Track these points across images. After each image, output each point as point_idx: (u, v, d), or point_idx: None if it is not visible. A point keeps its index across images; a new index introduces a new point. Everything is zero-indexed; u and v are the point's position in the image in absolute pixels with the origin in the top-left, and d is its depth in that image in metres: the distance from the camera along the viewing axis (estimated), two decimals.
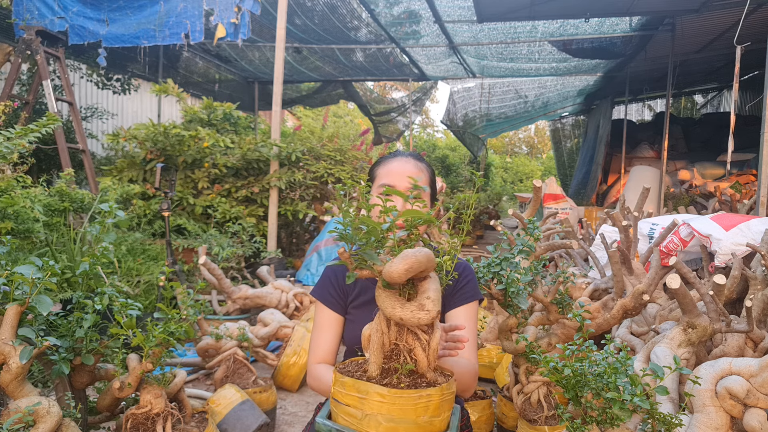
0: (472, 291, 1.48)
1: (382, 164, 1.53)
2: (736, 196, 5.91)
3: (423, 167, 1.51)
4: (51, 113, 3.23)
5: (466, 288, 1.48)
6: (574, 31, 7.52)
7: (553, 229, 3.83)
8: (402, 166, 1.48)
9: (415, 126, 17.68)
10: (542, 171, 23.88)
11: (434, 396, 1.02)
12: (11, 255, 2.26)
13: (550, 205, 8.08)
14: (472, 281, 1.50)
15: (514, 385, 2.31)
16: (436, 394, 1.02)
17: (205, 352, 2.85)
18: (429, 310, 0.98)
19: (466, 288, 1.48)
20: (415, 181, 1.18)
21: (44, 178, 4.35)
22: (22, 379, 1.53)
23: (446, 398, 1.05)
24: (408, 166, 1.48)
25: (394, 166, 1.49)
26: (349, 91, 11.01)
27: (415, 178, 1.40)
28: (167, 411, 1.82)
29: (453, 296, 1.47)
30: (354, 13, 7.43)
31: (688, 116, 13.78)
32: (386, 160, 1.53)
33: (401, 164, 1.49)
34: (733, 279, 2.62)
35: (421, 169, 1.50)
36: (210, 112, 6.40)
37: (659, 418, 1.39)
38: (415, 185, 1.13)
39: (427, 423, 1.02)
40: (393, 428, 1.01)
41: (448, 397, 1.05)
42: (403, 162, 1.49)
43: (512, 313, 2.13)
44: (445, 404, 1.05)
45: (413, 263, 0.93)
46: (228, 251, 4.54)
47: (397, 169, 1.47)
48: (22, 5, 5.63)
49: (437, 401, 1.03)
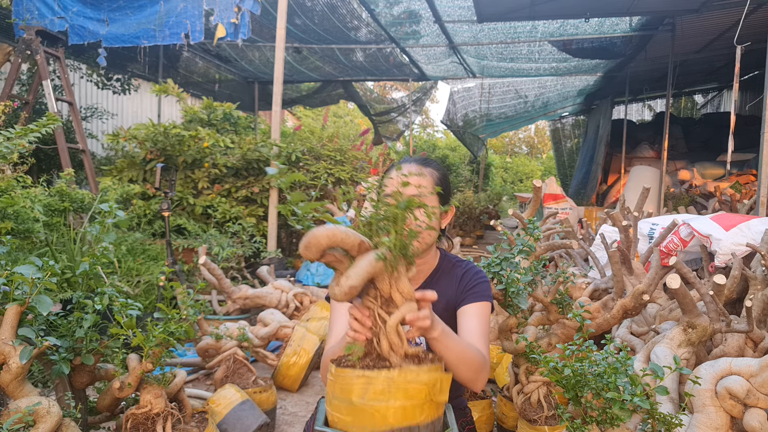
0: (485, 292, 1.48)
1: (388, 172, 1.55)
2: (736, 196, 5.91)
3: (426, 172, 1.51)
4: (51, 113, 3.23)
5: (479, 287, 1.48)
6: (574, 31, 7.52)
7: (553, 229, 3.83)
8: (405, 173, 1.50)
9: (415, 126, 17.68)
10: (542, 171, 23.88)
11: (376, 379, 1.01)
12: (11, 255, 2.26)
13: (550, 205, 8.08)
14: (487, 284, 1.50)
15: (514, 385, 2.31)
16: (377, 377, 1.01)
17: (205, 352, 2.85)
18: (341, 285, 0.99)
19: (479, 287, 1.48)
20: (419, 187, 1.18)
21: (44, 178, 4.35)
22: (22, 379, 1.53)
23: (397, 385, 1.01)
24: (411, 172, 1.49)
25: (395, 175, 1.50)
26: (349, 91, 11.01)
27: (416, 184, 1.42)
28: (167, 411, 1.82)
29: (466, 293, 1.47)
30: (354, 13, 7.43)
31: (688, 116, 13.78)
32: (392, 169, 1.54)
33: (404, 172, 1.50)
34: (733, 279, 2.62)
35: (423, 175, 1.50)
36: (210, 112, 6.40)
37: (659, 418, 1.39)
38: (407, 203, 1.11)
39: (366, 405, 1.01)
40: (337, 406, 1.04)
41: (401, 384, 1.01)
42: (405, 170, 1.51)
43: (512, 313, 2.13)
44: (395, 391, 1.01)
45: (311, 239, 0.96)
46: (228, 251, 4.54)
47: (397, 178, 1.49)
48: (22, 5, 5.63)
49: (381, 386, 1.01)
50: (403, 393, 1.02)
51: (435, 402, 1.06)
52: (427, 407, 1.04)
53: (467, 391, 2.49)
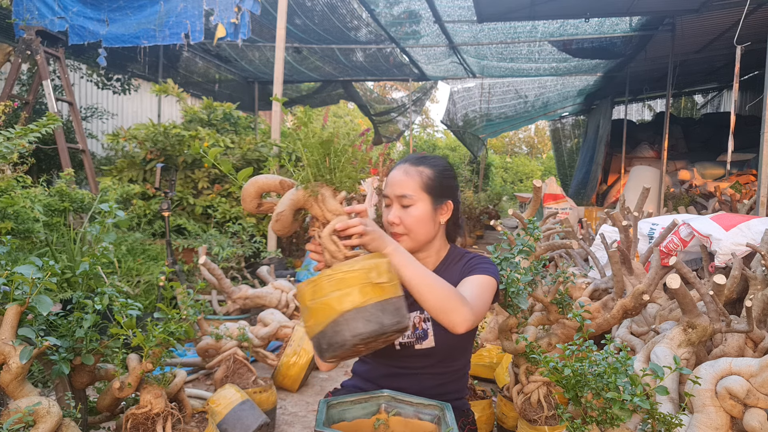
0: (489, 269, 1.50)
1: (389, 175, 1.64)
2: (736, 196, 5.91)
3: (414, 171, 1.53)
4: (51, 113, 3.23)
5: (481, 266, 1.51)
6: (574, 31, 7.52)
7: (553, 229, 3.83)
8: (393, 174, 1.56)
9: (415, 126, 17.69)
10: (542, 171, 23.89)
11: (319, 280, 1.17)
12: (11, 255, 2.26)
13: (550, 205, 8.08)
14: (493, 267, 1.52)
15: (514, 385, 2.31)
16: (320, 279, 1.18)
17: (205, 352, 2.85)
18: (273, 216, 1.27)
19: (481, 266, 1.51)
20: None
21: (44, 178, 4.35)
22: (22, 379, 1.53)
23: (336, 278, 1.15)
24: (397, 174, 1.55)
25: (390, 175, 1.57)
26: (349, 91, 11.02)
27: (402, 185, 1.50)
28: (167, 411, 1.82)
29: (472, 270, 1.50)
30: (354, 13, 7.43)
31: (688, 116, 13.78)
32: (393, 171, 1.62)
33: (394, 172, 1.57)
34: (733, 279, 2.62)
35: (409, 175, 1.52)
36: (210, 112, 6.39)
37: (659, 418, 1.39)
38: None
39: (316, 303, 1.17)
40: (302, 319, 1.30)
41: (339, 276, 1.15)
42: (396, 170, 1.57)
43: (512, 313, 2.13)
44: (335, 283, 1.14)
45: (243, 192, 1.27)
46: (228, 251, 4.54)
47: (389, 179, 1.56)
48: (22, 5, 5.63)
49: (324, 284, 1.16)
50: (341, 282, 1.14)
51: (374, 284, 1.15)
52: (369, 289, 1.14)
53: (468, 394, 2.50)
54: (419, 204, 1.49)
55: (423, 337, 1.52)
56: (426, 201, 1.51)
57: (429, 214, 1.51)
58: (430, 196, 1.52)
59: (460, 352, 1.59)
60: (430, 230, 1.53)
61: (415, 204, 1.49)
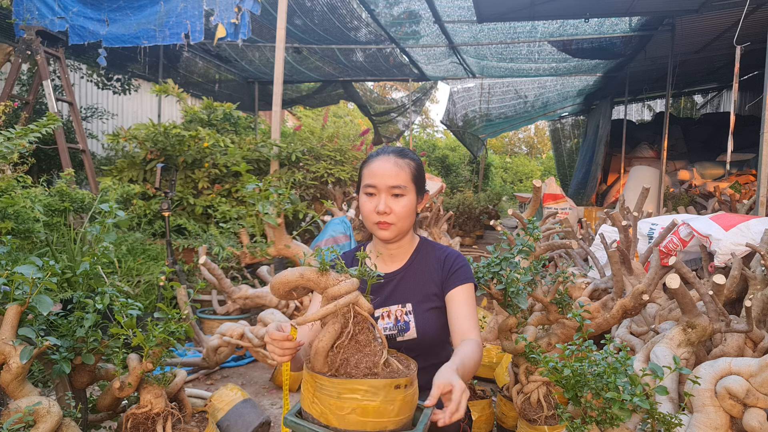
0: (467, 274, 1.57)
1: (366, 164, 1.59)
2: (735, 196, 5.92)
3: (403, 163, 1.55)
4: (51, 113, 3.23)
5: (461, 271, 1.58)
6: (573, 31, 7.52)
7: (553, 229, 3.84)
8: (382, 165, 1.54)
9: (414, 126, 17.68)
10: (542, 171, 23.89)
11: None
12: (11, 255, 2.26)
13: (549, 205, 8.08)
14: (467, 266, 1.60)
15: (513, 385, 2.31)
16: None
17: (215, 350, 2.84)
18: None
19: (461, 271, 1.58)
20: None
21: (44, 178, 4.35)
22: (22, 379, 1.53)
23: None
24: (387, 165, 1.53)
25: (375, 166, 1.54)
26: (349, 92, 11.02)
27: (396, 176, 1.51)
28: (167, 410, 1.83)
29: (449, 278, 1.56)
30: (354, 14, 7.43)
31: (688, 116, 13.78)
32: (370, 160, 1.58)
33: (381, 164, 1.54)
34: (732, 279, 2.63)
35: (400, 167, 1.53)
36: (210, 112, 6.39)
37: (659, 418, 1.39)
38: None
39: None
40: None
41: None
42: (383, 161, 1.54)
43: (512, 313, 2.13)
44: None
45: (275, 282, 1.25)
46: (228, 251, 4.54)
47: (377, 169, 1.53)
48: (22, 5, 5.63)
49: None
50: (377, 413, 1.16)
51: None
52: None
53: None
54: (410, 195, 1.55)
55: (405, 329, 1.54)
56: (413, 192, 1.57)
57: (414, 205, 1.57)
58: (416, 187, 1.58)
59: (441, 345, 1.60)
60: (413, 220, 1.60)
61: (406, 195, 1.54)
